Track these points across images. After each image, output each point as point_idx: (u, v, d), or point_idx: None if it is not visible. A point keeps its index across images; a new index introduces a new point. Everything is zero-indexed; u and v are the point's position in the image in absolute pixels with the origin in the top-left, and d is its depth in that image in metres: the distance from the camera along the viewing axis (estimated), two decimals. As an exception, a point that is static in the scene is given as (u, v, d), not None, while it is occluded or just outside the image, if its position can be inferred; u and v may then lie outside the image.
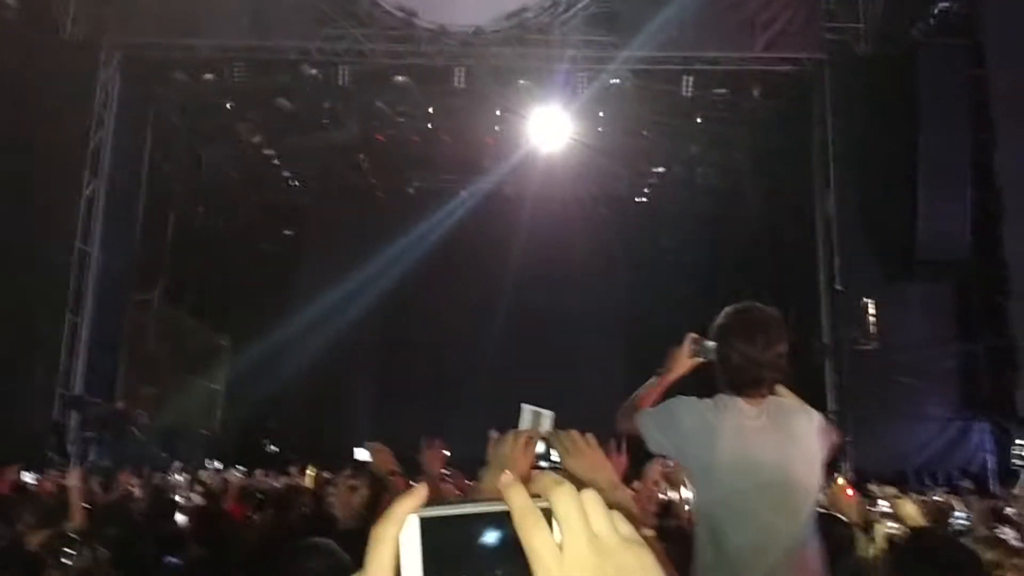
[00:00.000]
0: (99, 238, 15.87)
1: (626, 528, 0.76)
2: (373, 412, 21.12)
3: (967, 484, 12.86)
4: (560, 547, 0.71)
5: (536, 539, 0.72)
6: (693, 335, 2.95)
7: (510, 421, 2.11)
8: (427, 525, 0.73)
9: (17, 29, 15.13)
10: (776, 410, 2.63)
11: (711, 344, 2.79)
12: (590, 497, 0.75)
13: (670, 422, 2.68)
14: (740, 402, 2.63)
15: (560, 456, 1.94)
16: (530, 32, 16.27)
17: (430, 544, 0.73)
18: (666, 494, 6.08)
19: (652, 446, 2.74)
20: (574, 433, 1.99)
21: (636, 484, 4.74)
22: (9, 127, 14.96)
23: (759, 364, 2.62)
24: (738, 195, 21.14)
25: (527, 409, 2.12)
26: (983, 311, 14.95)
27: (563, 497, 0.74)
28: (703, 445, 2.59)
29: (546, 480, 0.75)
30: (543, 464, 1.96)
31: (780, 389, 2.90)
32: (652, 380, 3.05)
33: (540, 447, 1.98)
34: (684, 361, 2.96)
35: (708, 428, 2.59)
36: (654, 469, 3.83)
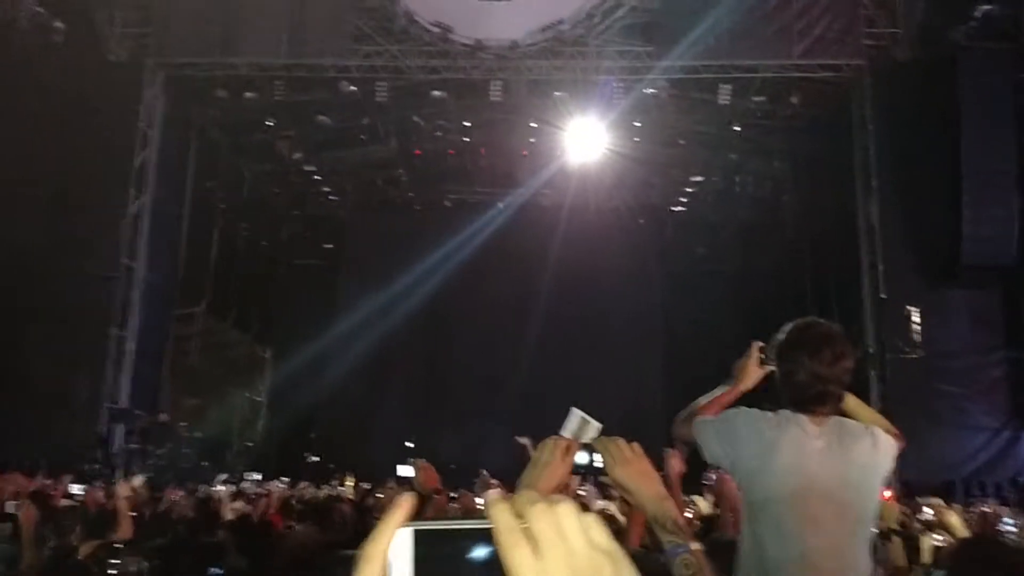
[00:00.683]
0: (144, 254, 16.19)
1: (602, 539, 0.78)
2: (413, 422, 21.19)
3: (1016, 495, 12.57)
4: (540, 565, 0.73)
5: (515, 558, 0.75)
6: (759, 343, 2.88)
7: (548, 431, 2.11)
8: (419, 537, 0.77)
9: (64, 51, 15.53)
10: (840, 432, 2.57)
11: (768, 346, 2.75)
12: (565, 511, 0.76)
13: (727, 432, 2.62)
14: (803, 419, 2.57)
15: (606, 465, 1.94)
16: (566, 44, 16.31)
17: (421, 556, 0.76)
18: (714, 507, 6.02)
19: (707, 456, 2.68)
20: (621, 441, 1.98)
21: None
22: (56, 146, 15.35)
23: (825, 380, 2.57)
24: (777, 203, 20.95)
25: (576, 414, 2.12)
26: (1031, 319, 14.63)
27: (538, 516, 0.76)
28: (757, 458, 2.54)
29: (521, 499, 0.77)
30: (588, 471, 1.97)
31: (851, 401, 2.86)
32: (718, 389, 2.97)
33: (585, 456, 1.98)
34: (754, 371, 2.87)
35: (765, 442, 2.54)
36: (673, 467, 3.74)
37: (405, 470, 8.22)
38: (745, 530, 2.61)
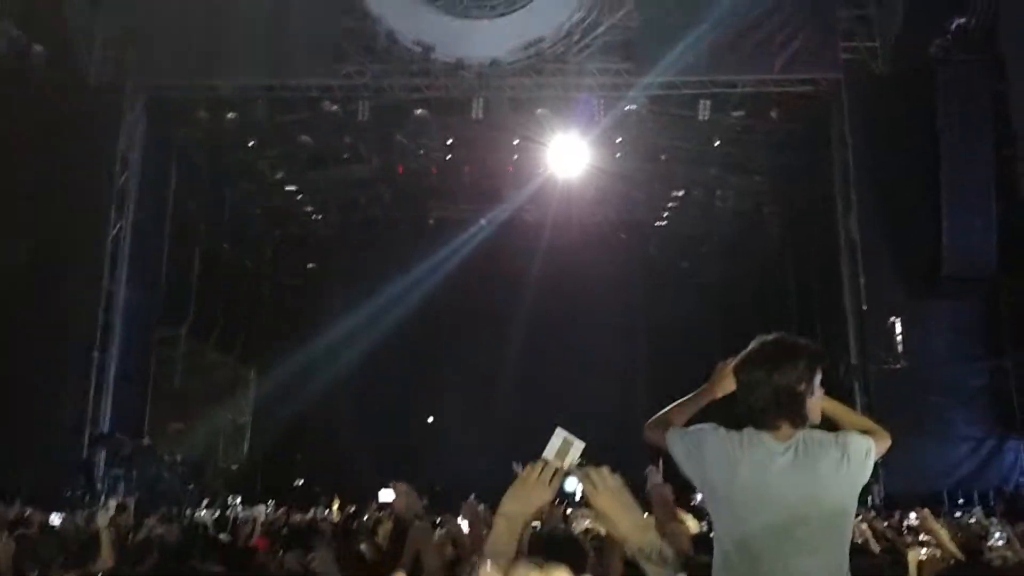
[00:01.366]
0: (125, 276, 16.07)
1: None
2: (398, 441, 21.10)
3: (1003, 505, 12.62)
4: None
5: None
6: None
7: (534, 446, 2.10)
8: None
9: (44, 75, 15.46)
10: (805, 446, 2.50)
11: None
12: None
13: (696, 450, 2.60)
14: (766, 436, 2.52)
15: (588, 493, 1.93)
16: (546, 62, 16.39)
17: None
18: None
19: (680, 469, 2.68)
20: (604, 470, 1.97)
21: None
22: (38, 169, 15.27)
23: (787, 394, 2.52)
24: (758, 217, 21.10)
25: (559, 434, 2.09)
26: (1012, 327, 14.73)
27: None
28: (724, 479, 2.51)
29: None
30: (571, 500, 1.95)
31: (830, 405, 2.79)
32: (691, 395, 2.95)
33: (570, 484, 1.96)
34: (730, 383, 2.82)
35: (731, 462, 2.50)
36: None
37: (386, 494, 8.11)
38: (716, 549, 2.59)
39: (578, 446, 2.06)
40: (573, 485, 1.95)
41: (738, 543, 2.48)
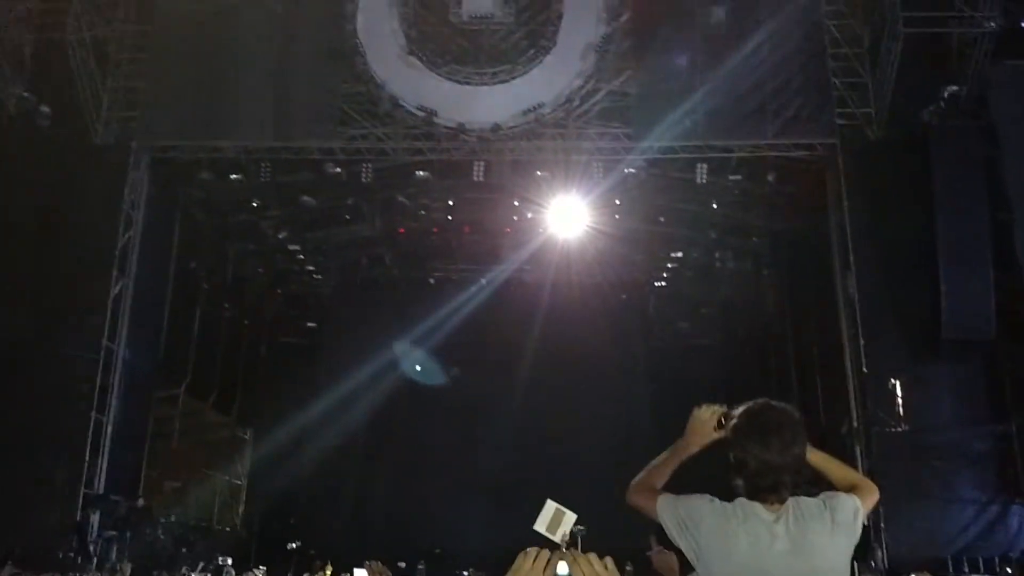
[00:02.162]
0: (125, 336, 16.05)
1: None
2: (396, 505, 20.84)
3: (1008, 571, 12.41)
4: None
5: None
6: (724, 409, 2.83)
7: (533, 511, 2.09)
8: None
9: (50, 134, 15.70)
10: (795, 517, 2.51)
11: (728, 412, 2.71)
12: None
13: (690, 522, 2.59)
14: (759, 508, 2.54)
15: None
16: (546, 127, 16.65)
17: None
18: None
19: (670, 536, 2.66)
20: (592, 556, 1.95)
21: None
22: (41, 228, 15.39)
23: (776, 469, 2.54)
24: (757, 279, 21.20)
25: (551, 505, 2.08)
26: (1014, 390, 14.67)
27: None
28: (720, 554, 2.51)
29: None
30: None
31: (816, 457, 2.78)
32: (666, 453, 2.94)
33: (562, 569, 1.94)
34: (708, 432, 2.83)
35: (727, 537, 2.51)
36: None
37: (360, 574, 7.97)
38: None
39: (570, 517, 2.05)
40: (565, 570, 1.94)
41: None
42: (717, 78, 15.65)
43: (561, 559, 1.92)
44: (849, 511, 2.59)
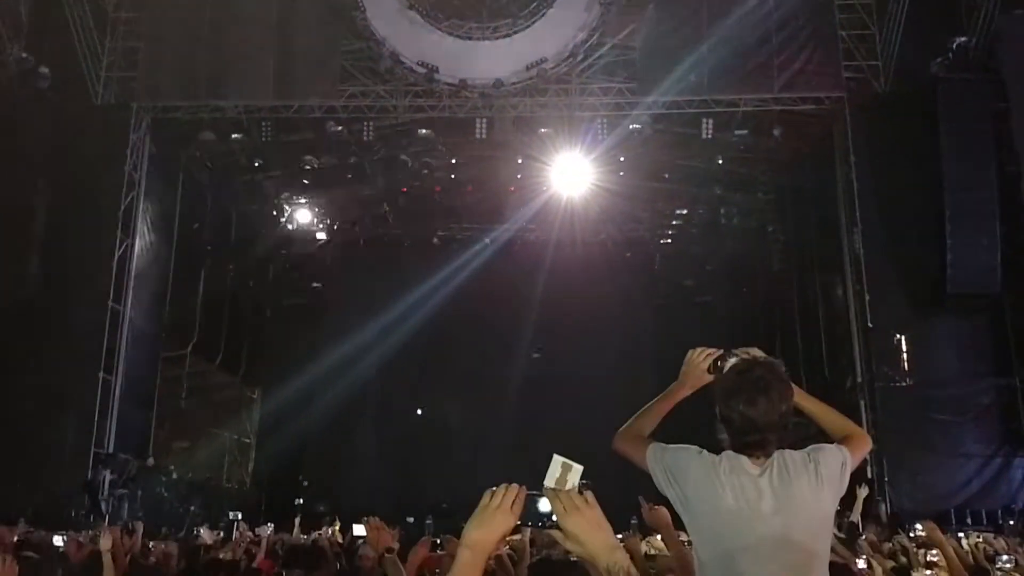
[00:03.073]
0: (131, 297, 16.11)
1: None
2: (403, 460, 21.06)
3: (1020, 523, 12.52)
4: None
5: None
6: (719, 352, 2.85)
7: (537, 464, 2.10)
8: None
9: (51, 97, 15.59)
10: (780, 470, 2.52)
11: (734, 362, 2.70)
12: None
13: (678, 471, 2.61)
14: (744, 461, 2.55)
15: (557, 515, 1.90)
16: (549, 82, 16.49)
17: None
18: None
19: (658, 485, 2.68)
20: (572, 493, 1.95)
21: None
22: (44, 190, 15.37)
23: (762, 427, 2.54)
24: (763, 235, 21.10)
25: (557, 460, 2.08)
26: (1018, 344, 14.68)
27: None
28: (708, 506, 2.53)
29: None
30: (547, 522, 1.93)
31: (807, 402, 2.81)
32: (661, 396, 2.96)
33: (544, 506, 1.95)
34: (701, 376, 2.85)
35: (712, 486, 2.52)
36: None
37: (358, 529, 8.04)
38: (698, 566, 2.60)
39: (577, 469, 2.05)
40: (547, 506, 1.94)
41: (721, 565, 2.50)
42: (723, 31, 15.43)
43: (541, 496, 1.92)
44: (835, 464, 2.59)
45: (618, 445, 2.87)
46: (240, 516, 12.74)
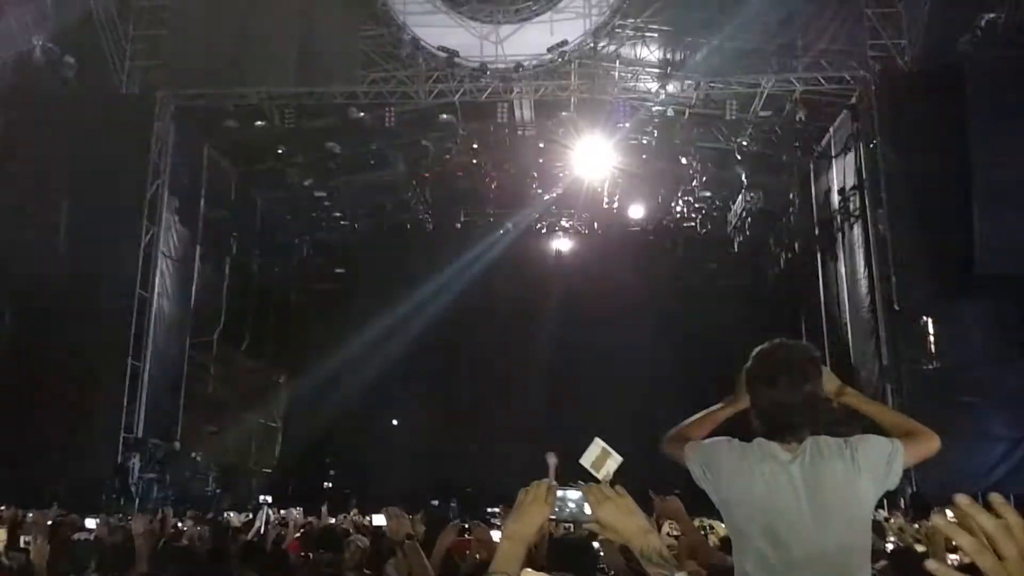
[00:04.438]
0: (158, 284, 16.30)
1: None
2: (429, 444, 21.18)
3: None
4: None
5: None
6: None
7: (560, 449, 2.12)
8: None
9: (76, 86, 15.75)
10: (812, 457, 2.45)
11: None
12: None
13: (711, 462, 2.58)
14: (775, 447, 2.49)
15: (591, 507, 1.97)
16: (570, 65, 16.41)
17: None
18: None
19: (697, 482, 2.66)
20: (603, 484, 2.01)
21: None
22: (70, 179, 15.54)
23: (786, 407, 2.48)
24: (787, 217, 20.92)
25: (598, 443, 2.12)
26: (1047, 326, 14.47)
27: None
28: (737, 492, 2.50)
29: None
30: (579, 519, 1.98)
31: (868, 405, 2.76)
32: (713, 408, 2.89)
33: (573, 502, 1.99)
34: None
35: (743, 475, 2.49)
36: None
37: (378, 519, 8.12)
38: (735, 558, 2.57)
39: (616, 459, 2.09)
40: (577, 495, 1.99)
41: (752, 554, 2.46)
42: (746, 12, 15.24)
43: (571, 488, 1.99)
44: (878, 452, 2.48)
45: (664, 447, 2.83)
46: (269, 500, 12.91)
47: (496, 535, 4.31)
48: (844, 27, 15.61)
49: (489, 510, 14.22)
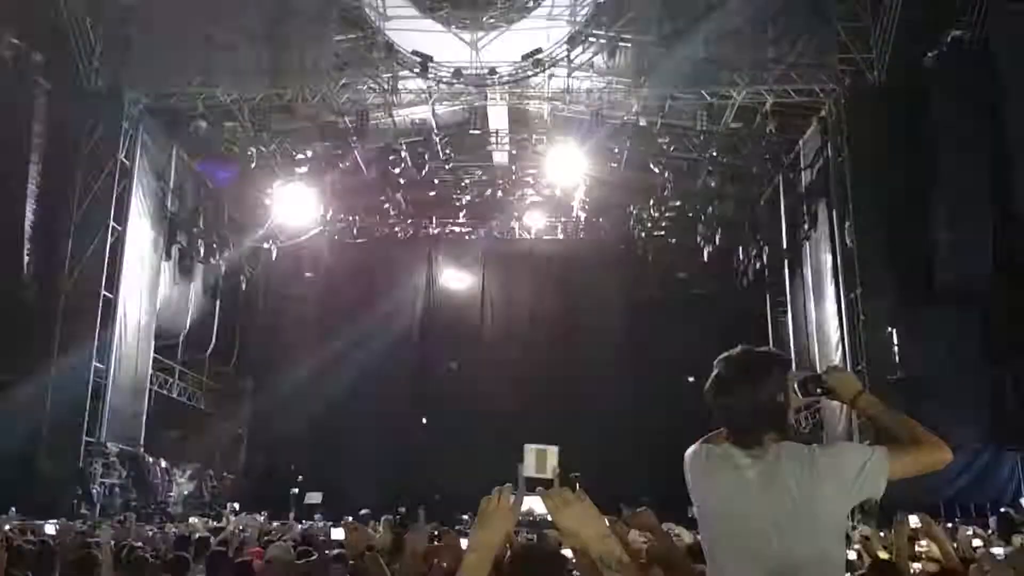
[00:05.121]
0: (123, 286, 16.03)
1: None
2: (396, 450, 21.03)
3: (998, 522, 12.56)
4: None
5: None
6: (806, 374, 2.60)
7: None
8: None
9: (43, 83, 15.49)
10: (772, 461, 2.34)
11: (796, 374, 2.52)
12: None
13: (689, 472, 2.53)
14: (737, 453, 2.41)
15: (550, 512, 1.95)
16: (543, 73, 16.44)
17: None
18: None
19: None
20: (564, 490, 1.98)
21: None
22: (36, 176, 15.27)
23: (741, 413, 2.42)
24: (755, 227, 21.11)
25: (530, 449, 2.07)
26: (1009, 336, 14.69)
27: None
28: (702, 500, 2.46)
29: None
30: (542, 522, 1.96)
31: (870, 406, 2.65)
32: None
33: (540, 507, 1.97)
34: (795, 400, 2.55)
35: (706, 482, 2.45)
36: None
37: (337, 532, 8.08)
38: (708, 569, 2.55)
39: (552, 451, 2.04)
40: (542, 507, 1.97)
41: (718, 564, 2.42)
42: (717, 23, 15.40)
43: (534, 496, 1.97)
44: (849, 460, 2.36)
45: None
46: (236, 507, 12.76)
47: (465, 543, 4.29)
48: (814, 41, 15.83)
49: (457, 516, 14.19)
